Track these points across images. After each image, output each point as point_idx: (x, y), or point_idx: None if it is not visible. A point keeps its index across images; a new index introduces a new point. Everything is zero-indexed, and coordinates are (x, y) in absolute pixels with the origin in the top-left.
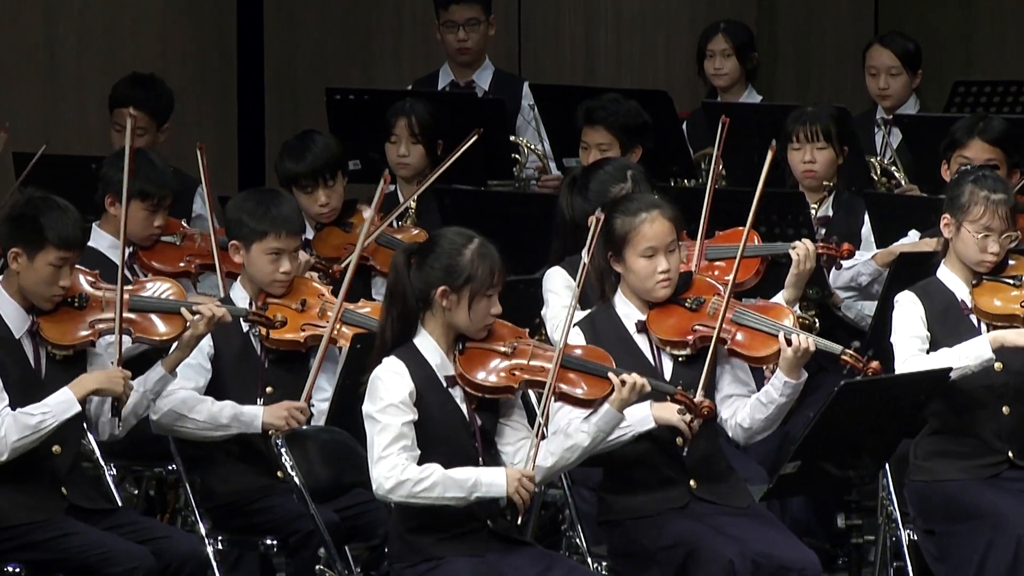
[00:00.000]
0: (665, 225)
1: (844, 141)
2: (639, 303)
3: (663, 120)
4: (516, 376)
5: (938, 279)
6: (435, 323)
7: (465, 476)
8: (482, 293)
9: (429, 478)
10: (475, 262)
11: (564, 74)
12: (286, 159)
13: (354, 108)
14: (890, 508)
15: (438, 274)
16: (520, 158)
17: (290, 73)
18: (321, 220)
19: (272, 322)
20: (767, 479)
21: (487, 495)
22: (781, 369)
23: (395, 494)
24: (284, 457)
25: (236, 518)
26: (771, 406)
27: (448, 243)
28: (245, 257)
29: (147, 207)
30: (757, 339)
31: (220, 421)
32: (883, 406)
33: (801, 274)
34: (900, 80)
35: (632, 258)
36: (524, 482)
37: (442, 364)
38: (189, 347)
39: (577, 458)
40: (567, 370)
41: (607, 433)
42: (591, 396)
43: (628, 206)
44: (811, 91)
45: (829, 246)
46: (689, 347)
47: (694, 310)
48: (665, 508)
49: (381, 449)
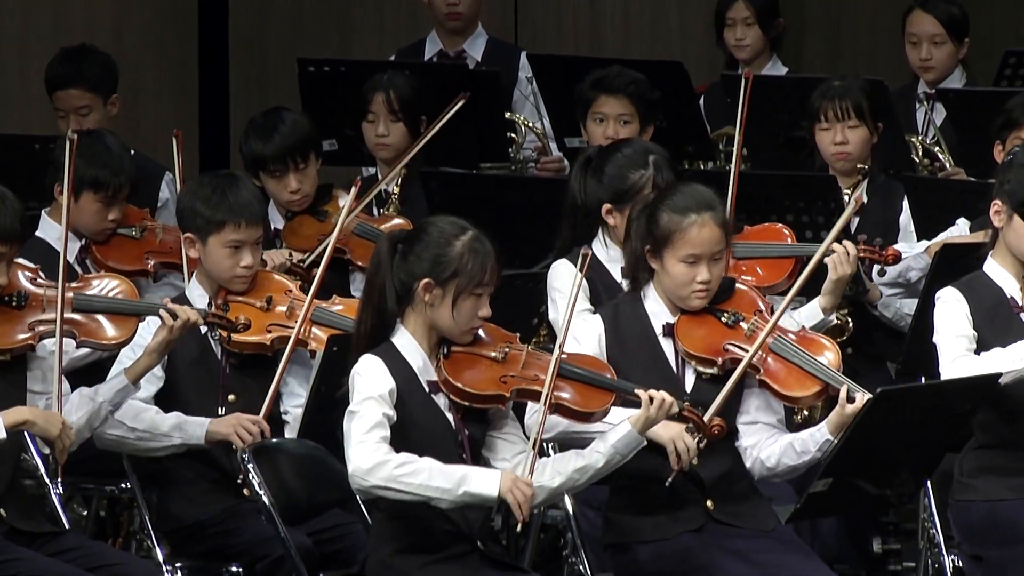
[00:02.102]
0: (715, 232)
1: (878, 117)
2: (670, 304)
3: (677, 95)
4: (507, 384)
5: (985, 273)
6: (416, 321)
7: (455, 468)
8: (469, 291)
9: (414, 463)
10: (465, 256)
11: (566, 43)
12: (251, 139)
13: (330, 81)
14: (932, 531)
15: (424, 265)
16: (517, 137)
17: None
18: (292, 208)
19: (233, 325)
20: (794, 498)
21: (477, 492)
22: (830, 425)
23: (374, 476)
24: (251, 473)
25: (197, 542)
26: (804, 457)
27: (438, 232)
28: (201, 251)
29: (101, 198)
30: (793, 375)
31: (160, 430)
32: (924, 416)
33: (840, 280)
34: (944, 49)
35: (671, 261)
36: (521, 485)
37: (424, 367)
38: (159, 354)
39: (587, 480)
40: (564, 379)
41: (624, 456)
42: (589, 408)
43: (677, 200)
44: (843, 62)
45: (872, 249)
46: (717, 367)
47: (730, 326)
48: (679, 530)
49: (359, 435)
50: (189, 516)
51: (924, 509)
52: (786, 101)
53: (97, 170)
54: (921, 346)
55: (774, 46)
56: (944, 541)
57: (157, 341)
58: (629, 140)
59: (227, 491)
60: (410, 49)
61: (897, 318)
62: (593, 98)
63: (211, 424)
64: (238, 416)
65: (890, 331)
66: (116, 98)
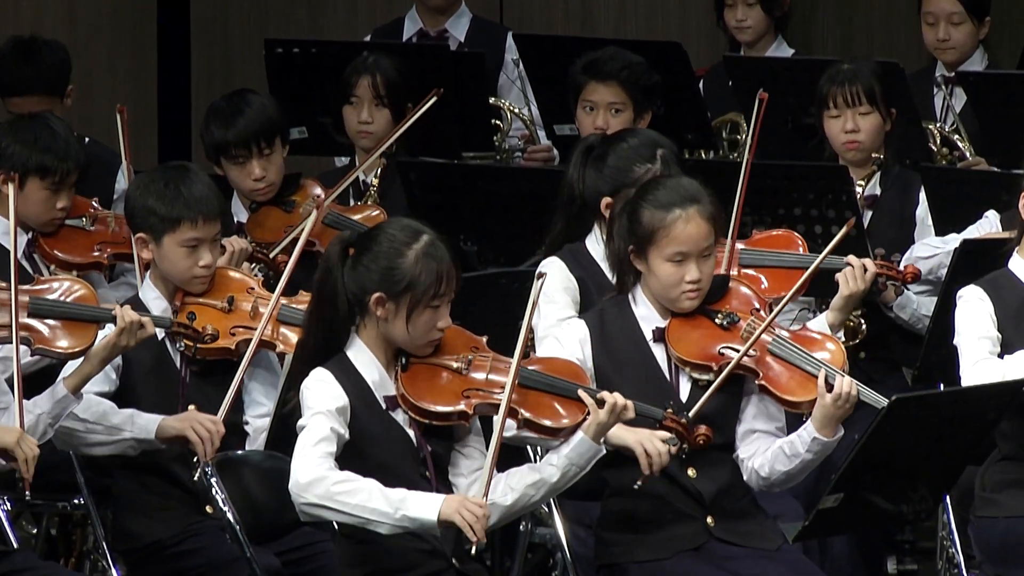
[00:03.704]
0: (702, 227)
1: (892, 103)
2: (660, 307)
3: (676, 78)
4: (469, 399)
5: (1010, 271)
6: (371, 333)
7: (396, 491)
8: (424, 304)
9: (355, 481)
10: (418, 266)
11: (556, 23)
12: (212, 124)
13: (300, 64)
14: (951, 550)
15: (373, 277)
16: (502, 125)
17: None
18: (256, 198)
19: (199, 335)
20: (802, 515)
21: (416, 516)
22: (813, 421)
23: (310, 492)
24: (214, 488)
25: (156, 562)
26: (795, 460)
27: (388, 241)
28: (155, 252)
29: (47, 185)
30: (795, 379)
31: (111, 422)
32: (943, 426)
33: (852, 297)
34: (964, 30)
35: (657, 261)
36: (469, 505)
37: (380, 382)
38: (101, 361)
39: (543, 496)
40: (530, 390)
41: (581, 468)
42: (560, 424)
43: (659, 195)
44: (855, 43)
45: (890, 265)
46: (713, 373)
47: (725, 328)
48: (676, 550)
49: (304, 447)
50: (147, 534)
51: (943, 526)
52: (793, 85)
53: (42, 155)
54: (940, 350)
55: (779, 27)
56: (964, 561)
57: (103, 346)
58: (637, 130)
59: (188, 507)
60: (387, 28)
61: (914, 320)
62: (582, 84)
63: (164, 419)
64: (193, 412)
65: (906, 334)
66: (71, 89)
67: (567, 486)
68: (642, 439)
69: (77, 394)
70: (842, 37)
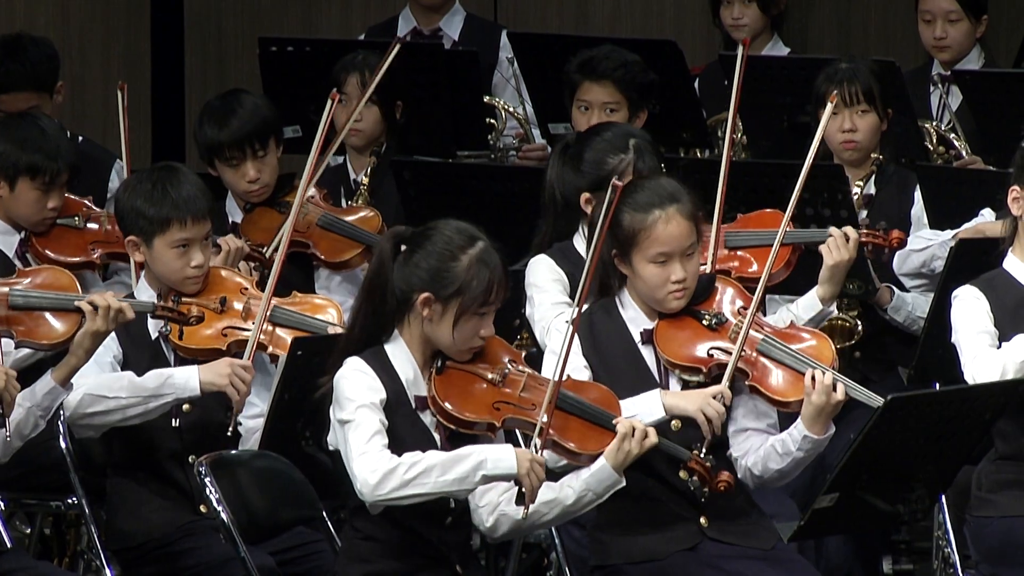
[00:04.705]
0: (683, 226)
1: (888, 102)
2: (647, 308)
3: (671, 77)
4: (500, 412)
5: (1005, 271)
6: (412, 331)
7: (463, 454)
8: (473, 311)
9: (423, 461)
10: (471, 271)
11: (550, 21)
12: (206, 124)
13: (293, 62)
14: (947, 550)
15: (423, 275)
16: (496, 123)
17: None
18: (251, 199)
19: (185, 317)
20: (798, 515)
21: (496, 472)
22: (803, 419)
23: (385, 488)
24: (208, 488)
25: (150, 562)
26: (787, 458)
27: (443, 242)
28: (147, 254)
29: (38, 185)
30: (785, 378)
31: (147, 388)
32: (939, 425)
33: (838, 267)
34: (961, 28)
35: (640, 263)
36: (537, 468)
37: (415, 381)
38: (85, 351)
39: (556, 517)
40: (560, 412)
41: (598, 495)
42: (584, 449)
43: (637, 198)
44: (852, 41)
45: (874, 232)
46: (703, 375)
47: (713, 329)
48: (671, 550)
49: (360, 445)
50: (141, 534)
51: (939, 526)
52: (790, 84)
53: (32, 155)
54: (936, 350)
55: (775, 25)
56: (960, 561)
57: (81, 334)
58: (609, 124)
59: (182, 507)
60: (382, 27)
61: (909, 322)
62: (577, 83)
63: (202, 372)
64: (230, 361)
65: (902, 335)
66: (61, 85)
67: (581, 512)
68: (701, 405)
69: (66, 385)
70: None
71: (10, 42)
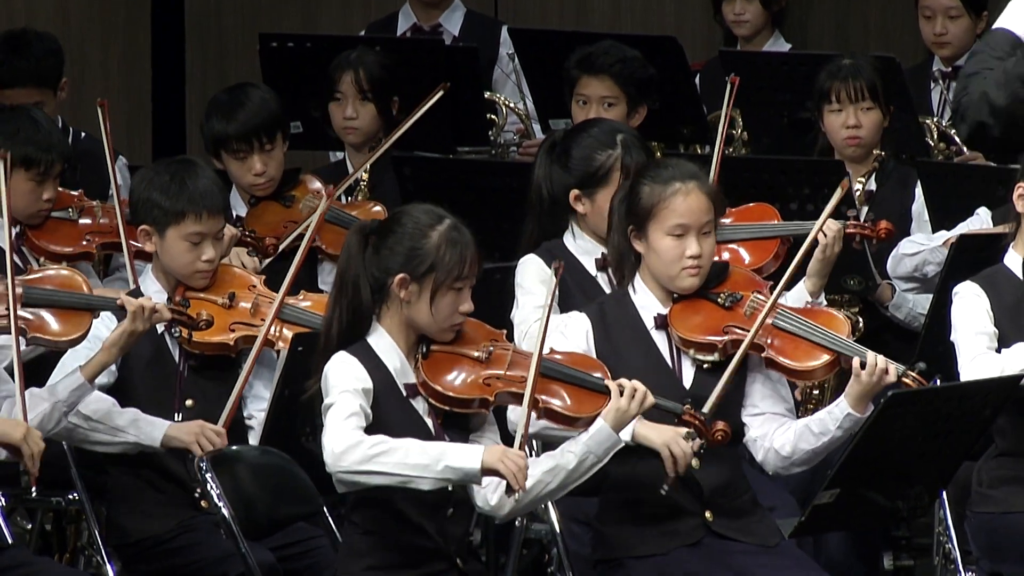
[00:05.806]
0: (702, 201)
1: (890, 98)
2: (661, 293)
3: (672, 73)
4: (491, 387)
5: (1006, 267)
6: (392, 319)
7: (434, 444)
8: (448, 285)
9: (390, 442)
10: (442, 247)
11: (550, 17)
12: (214, 117)
13: (294, 58)
14: (948, 546)
15: (397, 259)
16: (497, 119)
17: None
18: (256, 192)
19: (194, 322)
20: (799, 511)
21: (459, 466)
22: (848, 398)
23: (347, 459)
24: (209, 484)
25: (151, 559)
26: (823, 438)
27: (412, 223)
28: (158, 244)
29: (33, 177)
30: (801, 348)
31: (114, 423)
32: (939, 422)
33: (826, 260)
34: (961, 24)
35: (657, 236)
36: (511, 454)
37: (402, 369)
38: (120, 349)
39: (559, 484)
40: (551, 380)
41: (599, 457)
42: (579, 412)
43: (659, 173)
44: (852, 37)
45: (862, 225)
46: (718, 351)
47: (727, 308)
48: (674, 545)
49: (336, 422)
50: (142, 530)
51: (939, 522)
52: (790, 80)
53: (25, 147)
54: (936, 346)
55: (776, 21)
56: (961, 557)
57: (118, 334)
58: (597, 120)
59: (183, 503)
60: (382, 23)
61: (910, 319)
62: (576, 78)
63: (170, 428)
64: (202, 424)
65: (903, 331)
66: (65, 82)
67: (585, 476)
68: (668, 440)
69: (92, 382)
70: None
71: (14, 37)
